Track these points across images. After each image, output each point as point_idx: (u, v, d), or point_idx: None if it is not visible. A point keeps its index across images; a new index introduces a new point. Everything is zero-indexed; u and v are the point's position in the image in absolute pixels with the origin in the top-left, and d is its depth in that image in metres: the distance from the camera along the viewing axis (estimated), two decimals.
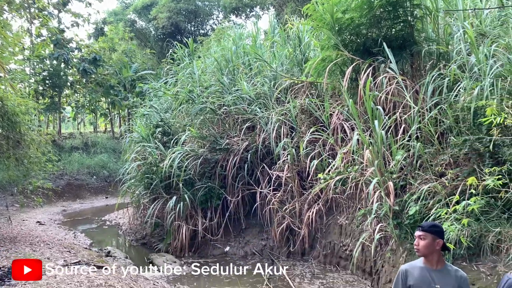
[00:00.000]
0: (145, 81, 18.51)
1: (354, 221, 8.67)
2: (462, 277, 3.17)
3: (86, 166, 23.51)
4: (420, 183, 6.94)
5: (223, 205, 10.84)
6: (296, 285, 8.07)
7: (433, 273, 3.13)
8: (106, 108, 31.35)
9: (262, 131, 10.79)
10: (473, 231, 5.94)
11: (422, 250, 3.17)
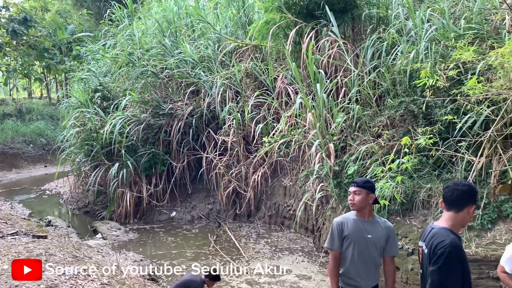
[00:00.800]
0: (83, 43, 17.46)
1: (297, 183, 8.93)
2: (390, 227, 3.42)
3: (21, 134, 22.21)
4: (359, 144, 7.22)
5: (168, 171, 10.73)
6: (242, 245, 8.27)
7: (365, 224, 3.32)
8: (41, 72, 29.45)
9: (207, 95, 10.65)
10: (407, 188, 6.31)
11: (358, 204, 3.33)
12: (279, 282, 6.64)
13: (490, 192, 5.94)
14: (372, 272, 3.38)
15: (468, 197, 2.48)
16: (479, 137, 5.64)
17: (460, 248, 2.36)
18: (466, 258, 2.45)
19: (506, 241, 5.46)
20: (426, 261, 2.48)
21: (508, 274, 3.17)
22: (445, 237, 2.38)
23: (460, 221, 2.52)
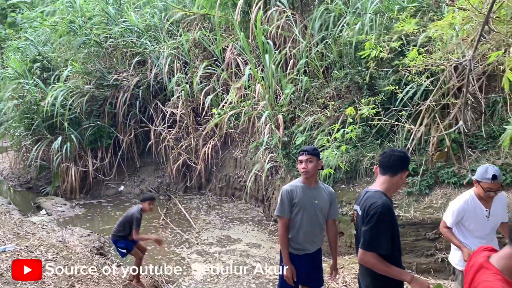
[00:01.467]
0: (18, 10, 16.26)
1: (248, 154, 8.99)
2: (332, 192, 3.57)
3: None
4: (307, 115, 7.34)
5: (114, 145, 10.42)
6: (193, 217, 8.28)
7: (312, 191, 3.43)
8: None
9: (154, 66, 10.33)
10: (351, 156, 6.53)
11: (311, 172, 3.39)
12: (230, 251, 6.75)
13: (428, 160, 6.27)
14: (319, 236, 3.53)
15: (403, 163, 2.59)
16: (418, 107, 5.89)
17: (390, 209, 2.48)
18: (396, 219, 2.59)
19: (442, 204, 5.83)
20: (360, 223, 2.60)
21: (449, 228, 3.40)
22: (378, 199, 2.49)
23: (394, 185, 2.63)
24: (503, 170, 5.73)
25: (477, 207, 3.26)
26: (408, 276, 2.39)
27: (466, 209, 3.28)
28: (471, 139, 6.24)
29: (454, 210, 3.32)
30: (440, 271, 5.55)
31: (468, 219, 3.31)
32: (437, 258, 5.60)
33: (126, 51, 10.71)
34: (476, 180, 3.20)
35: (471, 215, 3.28)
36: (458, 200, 3.36)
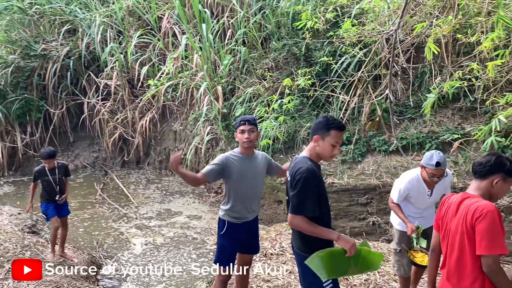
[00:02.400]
0: None
1: (187, 127, 8.86)
2: (266, 156, 3.63)
3: None
4: (246, 87, 7.34)
5: (45, 119, 9.82)
6: (131, 192, 8.11)
7: (251, 160, 3.45)
8: None
9: (85, 35, 9.76)
10: (289, 127, 6.66)
11: (254, 142, 3.40)
12: (170, 224, 6.72)
13: (361, 129, 6.54)
14: (257, 205, 3.60)
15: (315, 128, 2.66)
16: (352, 78, 6.07)
17: (315, 174, 2.55)
18: (322, 183, 2.67)
19: (373, 171, 6.14)
20: (289, 188, 2.67)
21: (395, 204, 3.59)
22: (303, 164, 2.57)
23: (313, 152, 2.67)
24: (429, 137, 6.12)
25: (421, 186, 3.44)
26: (335, 235, 2.50)
27: (411, 188, 3.45)
28: (401, 108, 6.57)
29: (400, 188, 3.48)
30: (372, 234, 5.90)
31: (412, 196, 3.51)
32: (368, 222, 5.94)
33: (54, 18, 10.00)
34: (421, 165, 3.34)
35: (415, 194, 3.48)
36: (404, 178, 3.50)
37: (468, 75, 4.31)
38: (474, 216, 2.14)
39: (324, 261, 2.42)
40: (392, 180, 5.90)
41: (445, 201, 2.46)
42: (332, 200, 6.13)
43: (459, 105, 6.28)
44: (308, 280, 2.68)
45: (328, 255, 2.44)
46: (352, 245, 2.44)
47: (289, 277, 4.23)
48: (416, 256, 3.40)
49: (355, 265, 2.50)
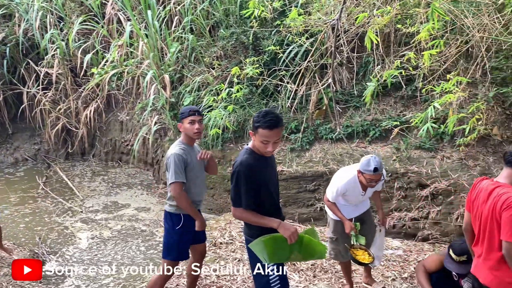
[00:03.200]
0: None
1: (134, 116, 8.62)
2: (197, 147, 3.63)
3: None
4: (194, 75, 7.23)
5: None
6: (76, 185, 7.81)
7: (194, 150, 3.43)
8: None
9: (23, 20, 9.19)
10: (238, 116, 6.65)
11: (202, 132, 3.39)
12: (117, 217, 6.55)
13: (308, 117, 6.65)
14: (205, 193, 3.68)
15: (252, 122, 2.65)
16: (299, 67, 6.14)
17: (250, 167, 2.55)
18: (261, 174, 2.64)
19: (320, 158, 6.28)
20: None
21: (331, 202, 3.66)
22: (239, 158, 2.62)
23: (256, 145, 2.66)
24: (373, 124, 6.34)
25: (357, 188, 3.55)
26: (276, 223, 2.54)
27: (347, 188, 3.55)
28: (346, 97, 6.74)
29: (338, 188, 3.53)
30: (319, 219, 6.05)
31: (346, 194, 3.61)
32: (316, 208, 6.08)
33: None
34: (359, 170, 3.40)
35: (350, 193, 3.59)
36: (341, 179, 3.55)
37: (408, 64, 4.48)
38: (502, 206, 2.48)
39: (267, 245, 2.47)
40: (338, 166, 6.07)
41: (476, 185, 2.79)
42: (282, 188, 6.22)
43: (401, 94, 6.53)
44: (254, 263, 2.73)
45: (271, 240, 2.49)
46: (292, 233, 2.48)
47: (238, 265, 4.26)
48: (358, 254, 3.49)
49: (299, 252, 2.55)
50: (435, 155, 5.90)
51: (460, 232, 5.34)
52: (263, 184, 2.64)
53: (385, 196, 5.78)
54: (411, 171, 5.79)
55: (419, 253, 4.72)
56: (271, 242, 2.49)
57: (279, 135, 2.60)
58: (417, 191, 5.68)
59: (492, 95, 5.91)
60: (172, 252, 3.39)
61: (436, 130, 5.79)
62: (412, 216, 5.56)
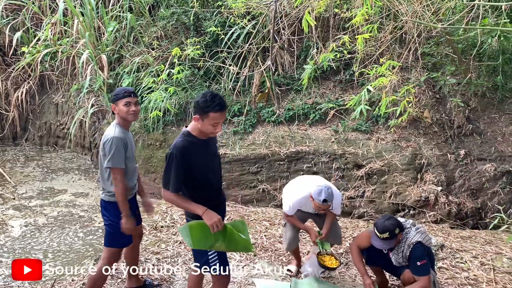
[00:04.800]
0: None
1: (70, 99, 8.23)
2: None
3: None
4: (133, 56, 7.00)
5: None
6: (7, 170, 7.37)
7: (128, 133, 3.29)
8: None
9: None
10: (180, 99, 6.55)
11: (138, 114, 3.22)
12: (53, 203, 6.26)
13: (251, 100, 6.69)
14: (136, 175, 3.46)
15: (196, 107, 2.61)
16: (242, 50, 6.13)
17: (183, 151, 2.54)
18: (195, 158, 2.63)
19: (263, 141, 6.35)
20: None
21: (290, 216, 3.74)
22: (176, 140, 2.60)
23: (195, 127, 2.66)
24: (313, 108, 6.50)
25: (309, 205, 3.65)
26: (201, 210, 2.54)
27: (300, 204, 3.68)
28: (288, 80, 6.84)
29: (293, 203, 3.65)
30: (262, 200, 6.15)
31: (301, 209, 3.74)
32: (259, 189, 6.16)
33: None
34: (311, 196, 3.51)
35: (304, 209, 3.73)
36: (295, 196, 3.66)
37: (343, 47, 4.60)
38: None
39: (192, 231, 2.50)
40: (280, 149, 6.19)
41: None
42: (225, 171, 6.24)
43: (339, 78, 6.73)
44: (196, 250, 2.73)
45: (198, 226, 2.52)
46: (214, 222, 2.51)
47: (179, 247, 4.24)
48: (325, 260, 3.63)
49: (223, 241, 2.58)
50: (371, 137, 6.17)
51: (392, 209, 5.67)
52: (198, 167, 2.62)
53: (324, 177, 5.97)
54: (348, 152, 6.02)
55: (354, 229, 4.95)
56: (197, 228, 2.51)
57: (225, 115, 2.65)
58: (354, 171, 5.93)
59: (424, 80, 6.26)
60: (116, 241, 3.25)
61: (371, 113, 6.05)
62: (349, 195, 5.80)
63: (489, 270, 4.04)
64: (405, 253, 3.17)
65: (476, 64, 6.54)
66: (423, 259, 3.10)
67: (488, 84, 6.47)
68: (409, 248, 3.16)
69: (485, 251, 4.45)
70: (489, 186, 5.68)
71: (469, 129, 6.15)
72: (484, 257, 4.30)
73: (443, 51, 6.58)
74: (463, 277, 3.87)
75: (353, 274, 3.92)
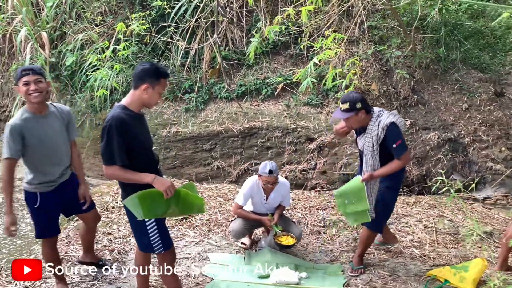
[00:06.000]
0: None
1: (11, 79, 7.77)
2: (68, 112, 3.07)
3: None
4: (76, 32, 6.68)
5: None
6: None
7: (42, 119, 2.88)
8: None
9: None
10: (128, 76, 6.34)
11: (43, 94, 2.78)
12: None
13: (202, 76, 6.59)
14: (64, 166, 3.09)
15: (143, 75, 2.50)
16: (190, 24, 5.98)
17: (123, 122, 2.43)
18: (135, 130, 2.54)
19: (216, 118, 6.31)
20: None
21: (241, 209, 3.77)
22: (111, 113, 2.46)
23: (137, 99, 2.53)
24: (265, 83, 6.50)
25: (259, 192, 3.75)
26: (150, 177, 2.47)
27: (252, 192, 3.75)
28: (239, 55, 6.77)
29: (245, 193, 3.72)
30: (217, 177, 6.15)
31: (252, 199, 3.82)
32: (213, 166, 6.15)
33: None
34: (258, 174, 3.61)
35: (254, 197, 3.79)
36: (247, 184, 3.75)
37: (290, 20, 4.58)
38: None
39: (141, 201, 2.42)
40: (234, 125, 6.18)
41: None
42: (178, 149, 6.17)
43: (290, 53, 6.75)
44: (133, 225, 2.68)
45: (145, 195, 2.43)
46: (168, 187, 2.44)
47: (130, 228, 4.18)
48: (282, 240, 3.74)
49: (176, 206, 2.54)
50: (322, 111, 6.28)
51: (343, 180, 5.84)
52: (138, 139, 2.54)
53: (277, 151, 6.05)
54: (300, 127, 6.10)
55: (306, 200, 5.06)
56: (146, 197, 2.43)
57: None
58: (306, 144, 6.03)
59: (371, 53, 6.39)
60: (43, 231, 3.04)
61: (322, 87, 6.14)
62: (302, 168, 5.91)
63: (432, 232, 4.27)
64: (380, 136, 3.11)
65: (421, 36, 6.75)
66: (398, 139, 3.08)
67: (431, 56, 6.71)
68: (384, 131, 3.11)
69: (429, 214, 4.69)
70: (433, 153, 5.95)
71: (414, 100, 6.38)
72: (427, 220, 4.53)
73: (389, 24, 6.73)
74: (408, 240, 4.07)
75: (305, 243, 4.03)
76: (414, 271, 3.51)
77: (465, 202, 5.30)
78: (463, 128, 6.22)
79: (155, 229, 2.58)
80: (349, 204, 3.22)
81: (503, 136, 6.27)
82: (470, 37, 7.11)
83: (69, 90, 6.61)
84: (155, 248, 2.62)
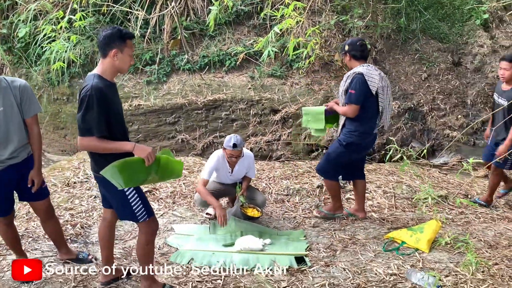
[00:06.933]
0: None
1: None
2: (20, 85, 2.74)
3: None
4: (28, 2, 6.35)
5: None
6: None
7: None
8: None
9: None
10: (86, 48, 6.13)
11: None
12: None
13: (164, 48, 6.44)
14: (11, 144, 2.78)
15: (108, 42, 2.43)
16: None
17: (101, 91, 2.37)
18: (113, 100, 2.51)
19: (179, 90, 6.21)
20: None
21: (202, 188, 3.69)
22: (88, 82, 2.38)
23: (109, 67, 2.47)
24: (229, 54, 6.42)
25: (224, 166, 3.76)
26: (130, 145, 2.42)
27: (217, 166, 3.75)
28: (201, 26, 6.64)
29: (210, 167, 3.73)
30: (182, 150, 6.11)
31: (217, 172, 3.83)
32: (177, 140, 6.11)
33: None
34: (223, 147, 3.64)
35: (219, 171, 3.81)
36: (212, 157, 3.77)
37: None
38: None
39: (120, 170, 2.35)
40: (197, 98, 6.11)
41: None
42: (140, 122, 6.07)
43: (253, 23, 6.67)
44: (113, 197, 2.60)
45: (124, 164, 2.37)
46: (149, 153, 2.39)
47: (94, 201, 4.13)
48: (247, 211, 3.83)
49: (156, 173, 2.51)
50: (286, 82, 6.29)
51: (307, 150, 5.94)
52: (115, 110, 2.48)
53: (242, 124, 6.05)
54: (264, 98, 6.11)
55: (271, 170, 5.13)
56: (125, 165, 2.37)
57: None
58: (271, 116, 6.06)
59: (333, 23, 6.40)
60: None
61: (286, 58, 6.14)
62: (267, 139, 5.95)
63: (391, 197, 4.43)
64: (346, 80, 3.51)
65: (382, 6, 6.81)
66: (354, 89, 3.39)
67: (392, 26, 6.80)
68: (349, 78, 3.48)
69: (388, 181, 4.86)
70: (393, 122, 6.11)
71: None
72: (386, 186, 4.69)
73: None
74: (368, 205, 4.21)
75: (269, 211, 4.10)
76: (373, 234, 3.65)
77: (423, 168, 5.52)
78: (422, 97, 6.40)
79: (137, 198, 2.53)
80: (310, 122, 3.80)
81: (460, 104, 6.50)
82: (429, 7, 7.23)
83: (24, 63, 6.33)
84: (139, 217, 2.56)
